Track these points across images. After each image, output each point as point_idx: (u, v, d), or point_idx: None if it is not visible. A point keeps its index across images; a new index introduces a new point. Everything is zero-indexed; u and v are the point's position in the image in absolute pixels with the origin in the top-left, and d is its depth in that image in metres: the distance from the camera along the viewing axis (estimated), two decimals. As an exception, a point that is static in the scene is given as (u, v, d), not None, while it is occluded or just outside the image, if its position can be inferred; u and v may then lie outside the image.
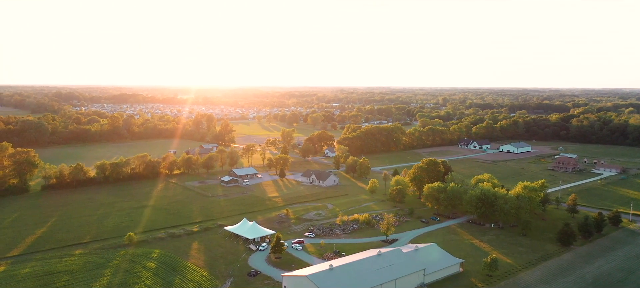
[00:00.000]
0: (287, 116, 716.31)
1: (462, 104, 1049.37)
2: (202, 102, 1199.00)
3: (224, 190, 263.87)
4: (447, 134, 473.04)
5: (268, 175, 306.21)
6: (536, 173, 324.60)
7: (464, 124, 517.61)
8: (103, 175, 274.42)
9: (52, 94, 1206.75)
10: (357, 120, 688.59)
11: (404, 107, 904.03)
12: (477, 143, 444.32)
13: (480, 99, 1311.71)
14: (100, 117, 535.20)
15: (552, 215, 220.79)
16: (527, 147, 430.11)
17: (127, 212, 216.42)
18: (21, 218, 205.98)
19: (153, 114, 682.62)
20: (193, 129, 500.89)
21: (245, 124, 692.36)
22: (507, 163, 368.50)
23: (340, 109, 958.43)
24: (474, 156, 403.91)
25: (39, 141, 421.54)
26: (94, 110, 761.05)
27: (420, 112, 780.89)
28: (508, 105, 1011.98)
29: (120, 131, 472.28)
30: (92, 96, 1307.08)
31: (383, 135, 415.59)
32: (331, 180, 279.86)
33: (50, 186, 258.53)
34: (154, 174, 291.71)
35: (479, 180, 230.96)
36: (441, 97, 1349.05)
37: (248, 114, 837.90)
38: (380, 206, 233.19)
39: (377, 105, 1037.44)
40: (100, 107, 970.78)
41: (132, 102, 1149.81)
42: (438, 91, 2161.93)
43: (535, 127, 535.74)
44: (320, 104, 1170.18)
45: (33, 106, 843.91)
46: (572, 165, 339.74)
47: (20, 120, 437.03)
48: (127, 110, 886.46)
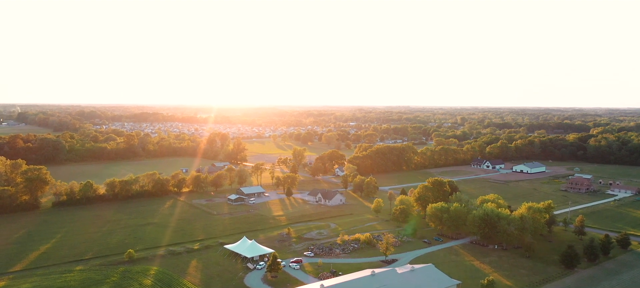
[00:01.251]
0: (302, 135, 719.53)
1: (480, 124, 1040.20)
2: (220, 121, 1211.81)
3: (229, 209, 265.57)
4: (460, 154, 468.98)
5: (275, 194, 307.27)
6: (548, 194, 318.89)
7: (478, 144, 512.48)
8: (112, 192, 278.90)
9: (75, 113, 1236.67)
10: (372, 139, 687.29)
11: (420, 127, 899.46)
12: (490, 163, 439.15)
13: (499, 118, 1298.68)
14: (117, 136, 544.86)
15: (559, 237, 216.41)
16: (541, 168, 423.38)
17: (131, 229, 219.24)
18: (28, 234, 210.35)
19: (170, 133, 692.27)
20: (207, 147, 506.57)
21: (261, 143, 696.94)
22: (519, 184, 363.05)
23: (356, 128, 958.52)
24: (486, 176, 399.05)
25: (56, 159, 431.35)
26: (113, 128, 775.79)
27: (436, 132, 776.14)
28: (527, 124, 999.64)
29: (135, 149, 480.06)
30: (114, 115, 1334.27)
31: (394, 154, 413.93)
32: (337, 200, 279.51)
33: (61, 203, 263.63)
34: (162, 192, 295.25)
35: (483, 201, 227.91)
36: (459, 117, 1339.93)
37: (264, 133, 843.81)
38: (384, 226, 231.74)
39: (394, 124, 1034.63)
40: (120, 125, 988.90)
41: (152, 121, 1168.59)
42: (457, 110, 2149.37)
43: (552, 147, 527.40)
44: (337, 123, 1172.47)
45: (55, 124, 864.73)
46: (585, 185, 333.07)
47: (39, 138, 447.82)
48: (146, 128, 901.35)
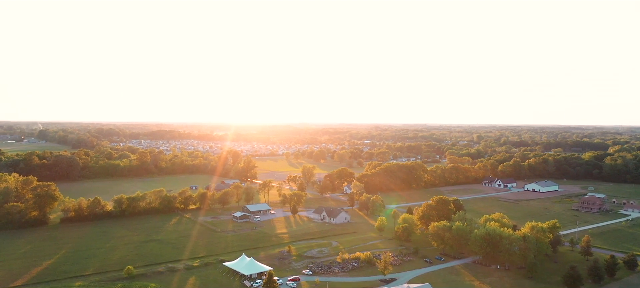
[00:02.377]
0: (314, 153, 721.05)
1: (496, 142, 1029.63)
2: (236, 138, 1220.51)
3: (234, 226, 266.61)
4: (472, 172, 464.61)
5: (282, 212, 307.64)
6: (558, 213, 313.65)
7: (490, 162, 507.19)
8: (120, 209, 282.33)
9: (95, 130, 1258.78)
10: (385, 157, 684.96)
11: (434, 144, 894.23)
12: (502, 181, 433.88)
13: (516, 136, 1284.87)
14: (131, 153, 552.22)
15: (565, 258, 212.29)
16: (554, 186, 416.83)
17: (134, 246, 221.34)
18: (34, 249, 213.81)
19: (183, 150, 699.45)
20: (218, 165, 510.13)
21: (274, 161, 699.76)
22: (530, 203, 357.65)
23: (370, 146, 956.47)
24: (496, 195, 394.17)
25: (70, 175, 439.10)
26: (129, 146, 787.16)
27: (450, 150, 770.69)
28: (544, 143, 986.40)
29: (148, 166, 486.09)
30: (132, 132, 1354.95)
31: (403, 172, 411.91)
32: (342, 218, 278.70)
33: (69, 219, 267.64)
34: (169, 209, 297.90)
35: (487, 220, 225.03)
36: (476, 135, 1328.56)
37: (278, 151, 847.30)
38: (386, 244, 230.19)
39: (409, 142, 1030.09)
40: (137, 143, 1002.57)
41: (168, 138, 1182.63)
42: (475, 128, 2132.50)
43: (566, 166, 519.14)
44: (351, 140, 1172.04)
45: (74, 142, 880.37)
46: (597, 205, 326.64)
47: (54, 156, 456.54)
48: (162, 146, 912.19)
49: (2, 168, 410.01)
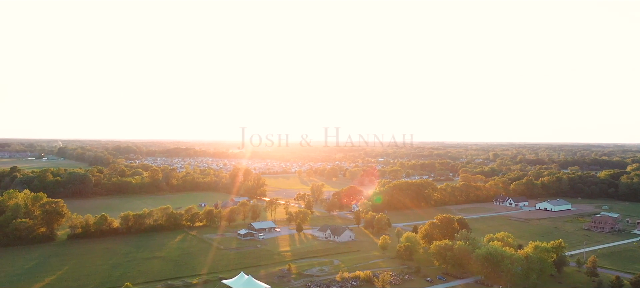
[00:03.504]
0: (326, 170, 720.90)
1: (512, 160, 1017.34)
2: (251, 156, 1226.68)
3: (238, 243, 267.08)
4: (483, 190, 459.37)
5: (287, 230, 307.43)
6: (569, 233, 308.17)
7: (502, 180, 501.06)
8: (126, 225, 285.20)
9: (112, 148, 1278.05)
10: (397, 175, 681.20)
11: (448, 162, 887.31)
12: (514, 200, 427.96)
13: (533, 154, 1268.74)
14: (144, 170, 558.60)
15: (570, 279, 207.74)
16: (566, 205, 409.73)
17: (137, 262, 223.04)
18: (38, 265, 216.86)
19: (196, 168, 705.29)
20: (229, 182, 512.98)
21: (285, 178, 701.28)
22: (541, 222, 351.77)
23: (384, 164, 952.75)
24: (507, 213, 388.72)
25: (83, 192, 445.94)
26: (143, 163, 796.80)
27: (464, 168, 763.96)
28: (561, 161, 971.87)
29: (159, 184, 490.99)
30: (149, 150, 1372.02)
31: (412, 190, 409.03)
32: (346, 236, 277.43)
33: (76, 235, 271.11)
34: (175, 226, 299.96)
35: (490, 239, 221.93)
36: (492, 153, 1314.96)
37: (291, 168, 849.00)
38: (388, 263, 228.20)
39: (424, 159, 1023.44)
40: (153, 160, 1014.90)
41: (183, 156, 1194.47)
42: (493, 146, 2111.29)
43: (581, 184, 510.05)
44: (366, 158, 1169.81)
45: (91, 159, 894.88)
46: (609, 224, 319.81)
47: (68, 173, 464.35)
48: (177, 163, 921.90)
49: (17, 185, 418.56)
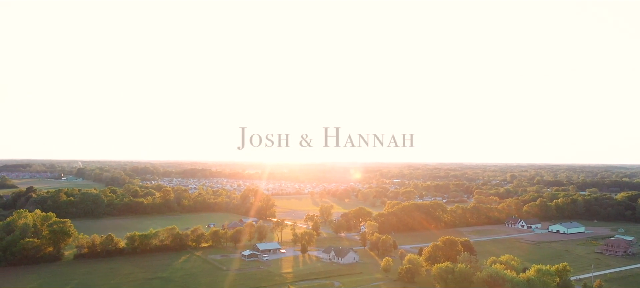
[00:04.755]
0: (338, 191, 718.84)
1: (529, 181, 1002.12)
2: (263, 176, 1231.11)
3: (241, 264, 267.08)
4: (495, 212, 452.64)
5: (292, 251, 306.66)
6: (580, 256, 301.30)
7: (514, 202, 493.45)
8: (132, 246, 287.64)
9: (130, 168, 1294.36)
10: (411, 196, 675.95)
11: (462, 184, 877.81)
12: (526, 222, 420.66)
13: (552, 175, 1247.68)
14: (157, 191, 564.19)
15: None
16: (579, 228, 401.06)
17: (139, 283, 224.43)
18: (43, 285, 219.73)
19: (208, 188, 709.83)
20: (239, 202, 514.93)
21: (298, 199, 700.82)
22: (552, 245, 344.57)
23: (399, 185, 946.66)
24: (518, 236, 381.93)
25: (95, 212, 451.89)
26: (159, 183, 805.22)
27: (478, 189, 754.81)
28: (579, 182, 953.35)
29: (171, 204, 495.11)
30: (166, 170, 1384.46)
31: (421, 212, 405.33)
32: (350, 257, 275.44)
33: (82, 255, 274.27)
34: (181, 246, 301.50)
35: (493, 261, 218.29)
36: (509, 174, 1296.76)
37: (304, 189, 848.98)
38: (389, 286, 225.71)
39: (440, 181, 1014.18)
40: (168, 180, 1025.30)
41: (199, 177, 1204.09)
42: (512, 167, 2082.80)
43: (597, 206, 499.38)
44: (380, 179, 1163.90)
45: (107, 180, 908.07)
46: (623, 248, 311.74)
47: (81, 193, 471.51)
48: (192, 184, 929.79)
49: (32, 205, 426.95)
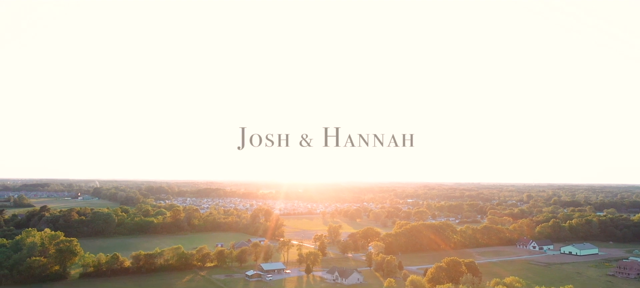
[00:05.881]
0: (350, 211, 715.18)
1: (545, 202, 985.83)
2: (279, 196, 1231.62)
3: (244, 285, 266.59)
4: (506, 233, 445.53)
5: (297, 271, 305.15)
6: (591, 279, 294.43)
7: (526, 223, 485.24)
8: (137, 265, 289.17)
9: (145, 188, 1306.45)
10: (423, 217, 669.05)
11: (477, 204, 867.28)
12: (537, 243, 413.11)
13: (569, 196, 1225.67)
14: (168, 210, 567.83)
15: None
16: (593, 249, 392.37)
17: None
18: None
19: (220, 208, 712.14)
20: (249, 222, 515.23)
21: (309, 219, 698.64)
22: (563, 267, 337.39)
23: (412, 205, 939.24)
24: (529, 257, 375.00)
25: (105, 231, 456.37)
26: (171, 203, 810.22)
27: (492, 209, 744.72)
28: (598, 203, 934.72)
29: (180, 224, 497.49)
30: (180, 190, 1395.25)
31: (430, 232, 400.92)
32: (354, 278, 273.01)
33: (88, 274, 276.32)
34: (186, 266, 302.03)
35: (497, 283, 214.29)
36: (526, 194, 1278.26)
37: (316, 209, 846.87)
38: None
39: (455, 201, 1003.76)
40: (182, 200, 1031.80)
41: (213, 196, 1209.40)
42: (529, 187, 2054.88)
43: (612, 227, 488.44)
44: (394, 199, 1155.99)
45: (122, 199, 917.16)
46: (635, 270, 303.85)
47: (93, 212, 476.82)
48: (205, 203, 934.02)
49: (43, 224, 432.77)
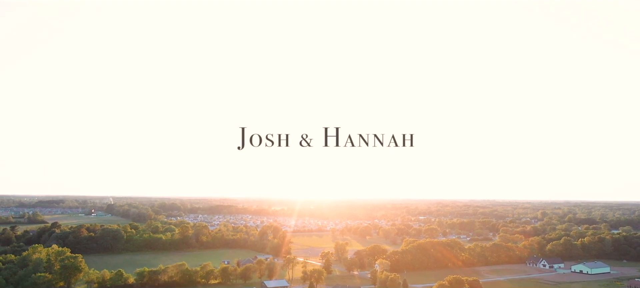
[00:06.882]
0: (360, 228, 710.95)
1: (560, 219, 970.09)
2: (290, 213, 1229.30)
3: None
4: (516, 251, 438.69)
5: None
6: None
7: (537, 240, 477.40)
8: (141, 282, 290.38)
9: (158, 204, 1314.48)
10: (434, 234, 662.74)
11: (489, 221, 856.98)
12: (547, 262, 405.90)
13: (585, 213, 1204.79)
14: (177, 227, 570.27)
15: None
16: (604, 268, 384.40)
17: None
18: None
19: (228, 224, 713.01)
20: (257, 239, 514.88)
21: (318, 236, 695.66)
22: (572, 286, 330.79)
23: (424, 222, 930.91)
24: (539, 276, 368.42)
25: (114, 248, 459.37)
26: (183, 220, 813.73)
27: (504, 226, 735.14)
28: (614, 220, 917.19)
29: (189, 240, 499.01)
30: (193, 206, 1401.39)
31: (438, 250, 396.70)
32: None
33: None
34: (190, 283, 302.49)
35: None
36: (540, 211, 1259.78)
37: (326, 226, 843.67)
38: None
39: (467, 218, 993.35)
40: (194, 217, 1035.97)
41: (225, 213, 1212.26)
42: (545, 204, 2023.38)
43: (626, 245, 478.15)
44: (406, 216, 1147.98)
45: (134, 215, 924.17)
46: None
47: (102, 229, 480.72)
48: (216, 220, 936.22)
49: (53, 240, 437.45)
